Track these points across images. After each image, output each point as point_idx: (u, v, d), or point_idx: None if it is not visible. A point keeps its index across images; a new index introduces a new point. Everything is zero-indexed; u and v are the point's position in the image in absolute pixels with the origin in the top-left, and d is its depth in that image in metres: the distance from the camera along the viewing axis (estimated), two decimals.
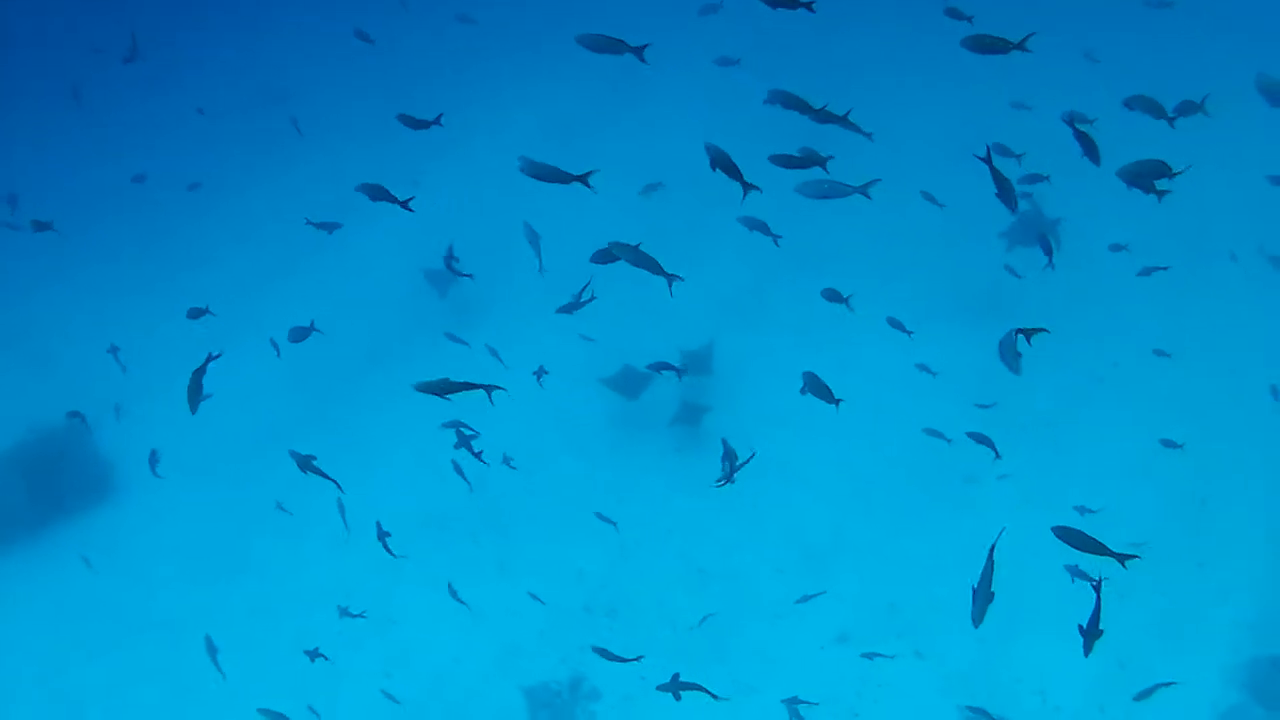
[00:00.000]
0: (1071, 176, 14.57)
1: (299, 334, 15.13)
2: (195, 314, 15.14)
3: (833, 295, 13.30)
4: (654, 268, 8.87)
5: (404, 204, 10.35)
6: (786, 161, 9.57)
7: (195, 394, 10.77)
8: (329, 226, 15.60)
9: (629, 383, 17.62)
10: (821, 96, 14.58)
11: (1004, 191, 9.17)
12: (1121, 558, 7.81)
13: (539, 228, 17.13)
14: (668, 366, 13.69)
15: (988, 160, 8.88)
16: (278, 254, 23.54)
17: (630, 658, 11.12)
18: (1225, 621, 14.78)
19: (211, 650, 14.70)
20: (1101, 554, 7.78)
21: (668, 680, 10.46)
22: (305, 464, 11.32)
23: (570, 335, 18.28)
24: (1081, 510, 14.52)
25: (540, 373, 15.75)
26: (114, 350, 19.16)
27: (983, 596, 8.44)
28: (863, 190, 9.58)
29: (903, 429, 16.82)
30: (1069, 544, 7.97)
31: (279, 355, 16.85)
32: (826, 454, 17.03)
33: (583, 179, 8.39)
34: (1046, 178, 14.92)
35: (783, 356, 18.07)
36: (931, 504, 15.89)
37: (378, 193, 10.46)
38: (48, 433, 19.37)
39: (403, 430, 18.64)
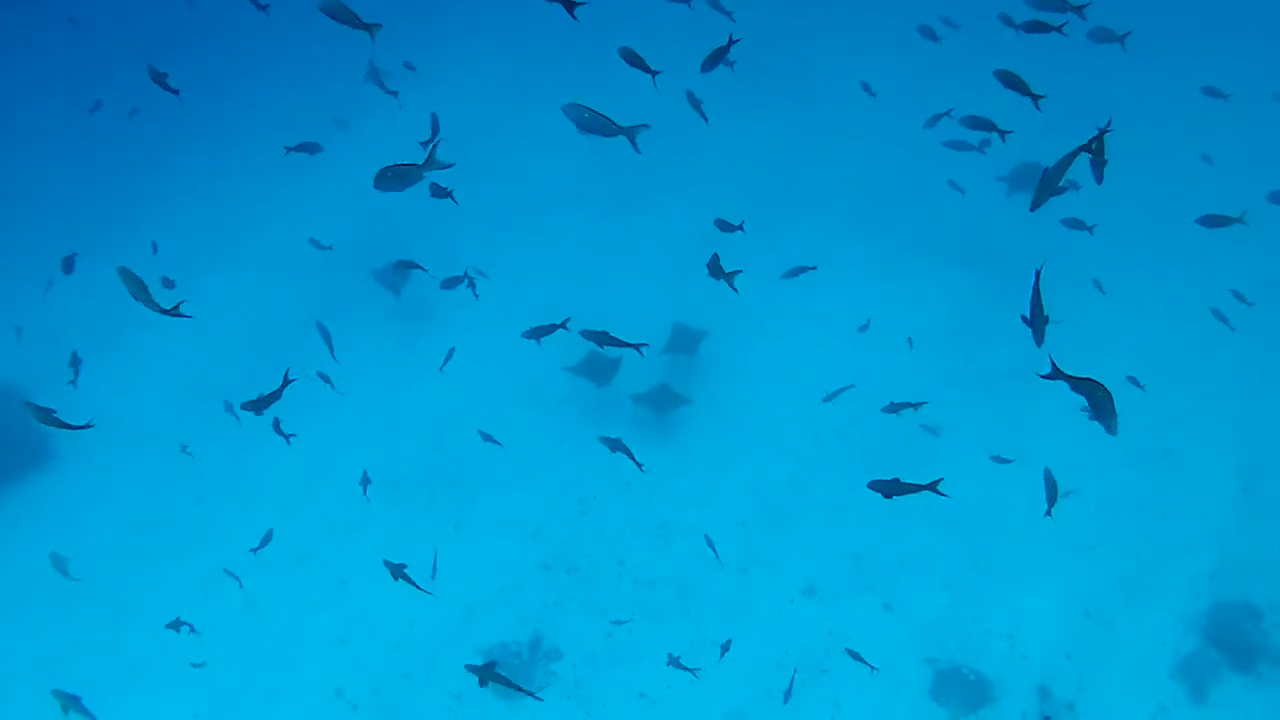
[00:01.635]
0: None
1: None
2: (67, 264, 14.61)
3: (725, 226, 12.52)
4: (430, 162, 8.48)
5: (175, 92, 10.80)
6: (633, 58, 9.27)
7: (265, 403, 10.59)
8: (309, 148, 14.61)
9: (597, 370, 16.86)
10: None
11: (1036, 323, 8.48)
12: (931, 487, 8.16)
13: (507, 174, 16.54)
14: (553, 328, 12.13)
15: (1034, 287, 8.27)
16: (228, 203, 22.83)
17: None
18: (1187, 571, 14.84)
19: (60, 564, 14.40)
20: (915, 491, 8.07)
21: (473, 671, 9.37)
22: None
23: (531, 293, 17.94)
24: (998, 459, 14.50)
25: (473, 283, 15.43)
26: None
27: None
28: (629, 133, 8.83)
29: (866, 382, 16.59)
30: (882, 494, 8.34)
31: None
32: (786, 406, 16.69)
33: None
34: (948, 112, 14.64)
35: (744, 312, 17.76)
36: (895, 456, 15.58)
37: (159, 79, 10.38)
38: None
39: (352, 387, 18.10)
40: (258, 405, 10.58)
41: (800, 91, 23.49)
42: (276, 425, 12.95)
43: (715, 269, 10.22)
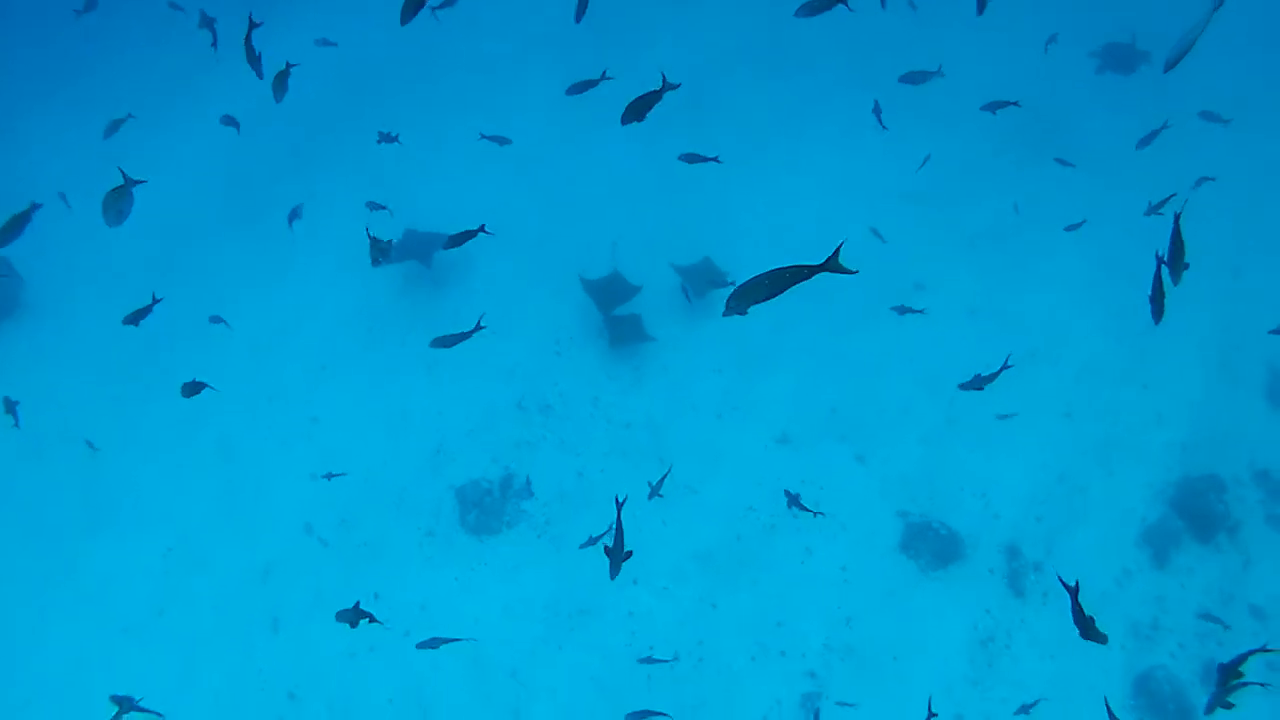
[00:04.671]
0: None
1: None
2: None
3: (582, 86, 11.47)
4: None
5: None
6: None
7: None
8: None
9: (610, 295, 15.63)
10: None
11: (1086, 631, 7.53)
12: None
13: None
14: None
15: (1074, 602, 7.38)
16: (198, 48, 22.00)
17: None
18: (1160, 442, 14.86)
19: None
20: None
21: None
22: None
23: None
24: (902, 309, 14.17)
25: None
26: None
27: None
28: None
29: (847, 231, 16.29)
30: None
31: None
32: (766, 254, 16.30)
33: None
34: None
35: (729, 157, 17.33)
36: (876, 307, 15.41)
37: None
38: None
39: (325, 231, 17.71)
40: None
41: None
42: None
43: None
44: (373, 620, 9.23)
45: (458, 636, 10.73)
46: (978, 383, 11.20)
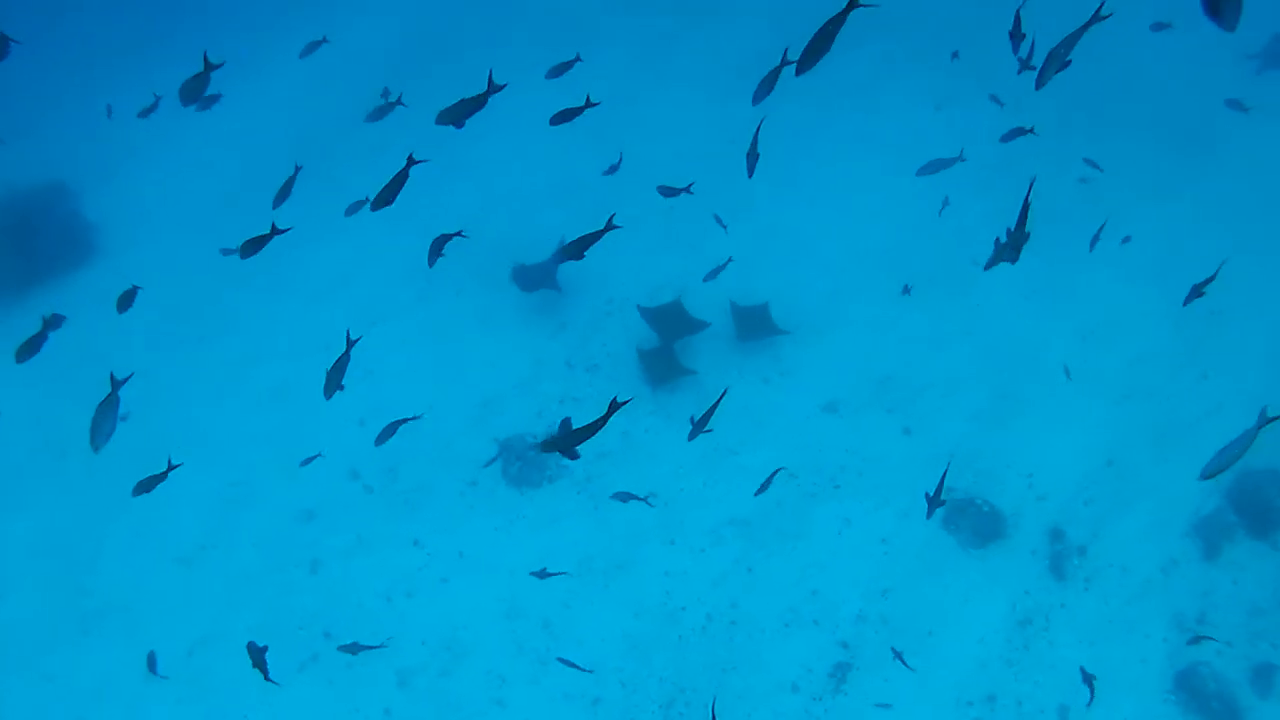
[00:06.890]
0: None
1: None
2: None
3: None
4: None
5: None
6: None
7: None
8: None
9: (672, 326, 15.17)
10: None
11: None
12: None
13: None
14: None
15: None
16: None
17: None
18: (1218, 432, 14.43)
19: None
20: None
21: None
22: None
23: None
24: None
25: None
26: None
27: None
28: None
29: (913, 205, 16.16)
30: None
31: None
32: (829, 222, 16.32)
33: None
34: None
35: (796, 123, 17.27)
36: (934, 281, 15.30)
37: None
38: (26, 194, 18.66)
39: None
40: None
41: None
42: None
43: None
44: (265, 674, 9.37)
45: (380, 644, 12.19)
46: (932, 503, 10.12)
